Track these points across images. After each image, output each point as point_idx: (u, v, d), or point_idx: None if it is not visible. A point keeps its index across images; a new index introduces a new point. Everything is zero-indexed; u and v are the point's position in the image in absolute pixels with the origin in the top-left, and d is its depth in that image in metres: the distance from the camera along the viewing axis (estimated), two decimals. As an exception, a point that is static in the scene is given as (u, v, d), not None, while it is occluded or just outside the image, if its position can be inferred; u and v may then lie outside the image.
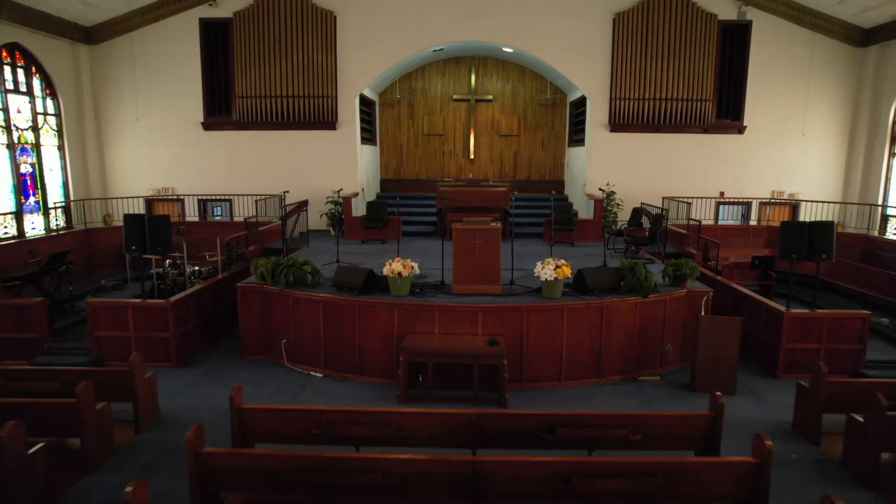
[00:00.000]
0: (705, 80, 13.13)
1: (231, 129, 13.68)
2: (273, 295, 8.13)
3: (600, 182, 13.52)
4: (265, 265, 8.15)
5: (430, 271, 9.16)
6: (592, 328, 7.51)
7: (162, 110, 13.68)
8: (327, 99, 13.37)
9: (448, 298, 7.54)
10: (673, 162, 13.63)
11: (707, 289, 8.15)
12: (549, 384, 7.51)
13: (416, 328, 7.41)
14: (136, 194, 13.74)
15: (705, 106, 13.24)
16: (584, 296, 7.61)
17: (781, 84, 13.30)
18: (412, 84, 16.30)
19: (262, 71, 13.24)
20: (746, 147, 13.59)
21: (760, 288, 11.02)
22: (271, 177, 13.80)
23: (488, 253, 7.70)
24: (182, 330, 8.18)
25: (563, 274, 7.37)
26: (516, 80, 16.29)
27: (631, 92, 13.24)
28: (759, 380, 7.71)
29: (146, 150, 13.85)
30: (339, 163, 13.74)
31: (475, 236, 7.67)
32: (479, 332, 7.33)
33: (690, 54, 13.05)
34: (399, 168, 16.75)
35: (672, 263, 8.24)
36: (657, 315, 7.88)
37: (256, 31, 13.13)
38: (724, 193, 13.77)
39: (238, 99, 13.36)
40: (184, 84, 13.52)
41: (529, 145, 16.57)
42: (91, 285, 10.82)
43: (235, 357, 8.51)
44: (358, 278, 7.65)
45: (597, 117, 13.50)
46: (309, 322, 7.89)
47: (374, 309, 7.49)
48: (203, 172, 13.87)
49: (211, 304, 9.20)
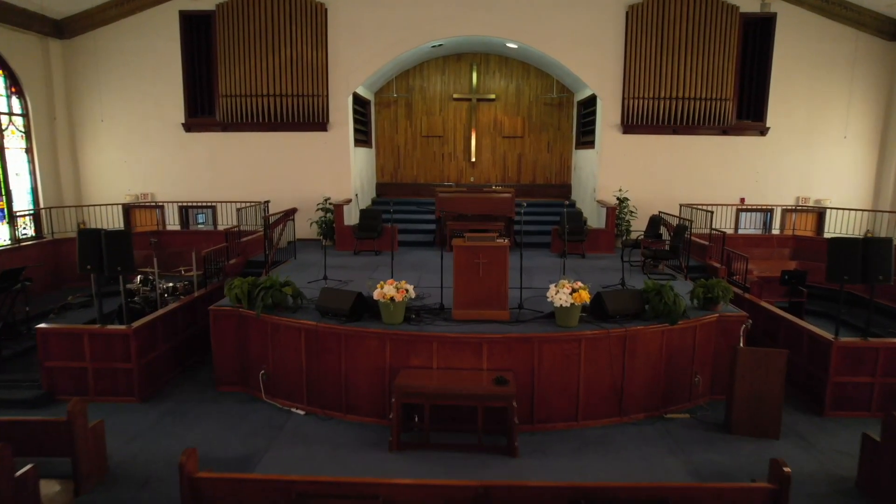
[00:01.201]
0: (725, 77, 12.16)
1: (214, 130, 12.72)
2: (250, 320, 7.17)
3: (612, 187, 12.56)
4: (240, 286, 7.19)
5: (427, 290, 8.20)
6: (614, 360, 6.54)
7: (140, 110, 12.71)
8: (318, 98, 12.41)
9: (448, 326, 6.58)
10: (690, 166, 12.66)
11: (742, 313, 7.19)
12: (565, 425, 6.54)
13: (411, 361, 6.45)
14: (112, 201, 12.77)
15: (725, 106, 12.28)
16: (603, 323, 6.65)
17: (808, 82, 12.34)
18: (410, 82, 15.34)
19: (248, 68, 12.28)
20: (769, 150, 12.62)
21: (790, 305, 10.06)
22: (258, 182, 12.84)
23: (494, 274, 6.74)
24: (147, 359, 7.22)
25: (580, 299, 6.40)
26: (520, 78, 15.33)
27: (645, 91, 12.28)
28: (804, 418, 6.75)
29: (123, 153, 12.88)
30: (330, 167, 12.77)
31: (478, 255, 6.71)
32: (484, 367, 6.37)
33: (709, 50, 12.08)
34: (396, 171, 15.79)
35: (702, 284, 7.28)
36: (686, 344, 6.93)
37: (241, 25, 12.16)
38: (744, 200, 12.80)
39: (221, 98, 12.40)
40: (163, 82, 12.55)
41: (534, 147, 15.61)
42: (56, 302, 9.85)
43: (209, 389, 7.55)
44: (345, 303, 6.68)
45: (608, 118, 12.54)
46: (290, 351, 6.93)
47: (363, 339, 6.53)
48: (184, 177, 12.90)
49: (184, 326, 8.25)
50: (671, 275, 9.51)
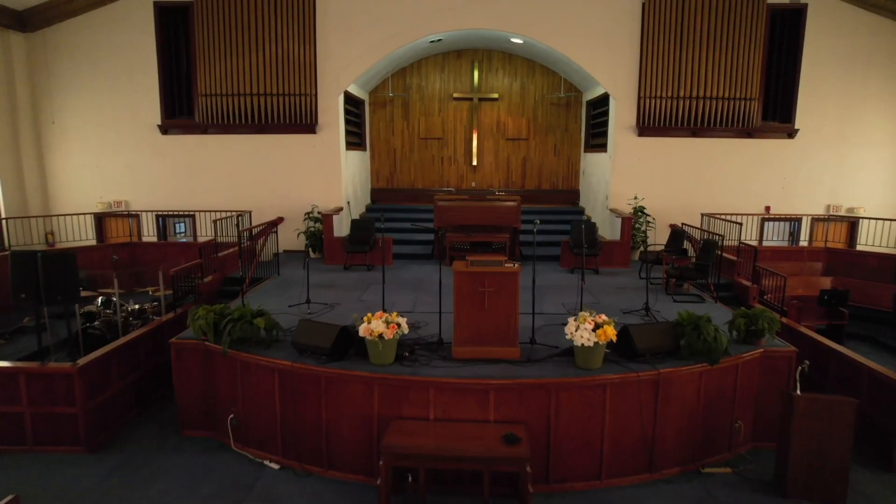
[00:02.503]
0: (750, 75, 11.13)
1: (193, 132, 11.69)
2: (217, 355, 6.15)
3: (626, 195, 11.53)
4: (205, 316, 6.16)
5: (424, 317, 7.18)
6: (644, 408, 5.52)
7: (112, 111, 11.68)
8: (305, 97, 11.37)
9: (448, 368, 5.56)
10: (711, 171, 11.63)
11: (790, 348, 6.17)
12: (586, 484, 5.52)
13: (403, 410, 5.43)
14: (83, 210, 11.74)
15: (750, 106, 11.25)
16: (631, 362, 5.63)
17: (841, 79, 11.31)
18: (406, 80, 14.31)
19: (229, 64, 11.24)
20: (797, 154, 11.60)
21: (828, 329, 9.06)
22: (241, 189, 11.81)
23: (502, 304, 5.71)
24: (97, 401, 6.19)
25: (604, 337, 5.38)
26: (525, 76, 14.30)
27: (663, 89, 11.25)
28: (868, 476, 5.73)
29: (95, 157, 11.85)
30: (319, 172, 11.74)
31: (484, 282, 5.68)
32: (491, 419, 5.35)
33: (733, 45, 11.05)
34: (392, 176, 14.76)
35: (743, 314, 6.26)
36: (726, 385, 5.91)
37: (222, 18, 11.12)
38: (769, 208, 11.77)
39: (201, 97, 11.36)
40: (137, 80, 11.52)
41: (540, 150, 14.58)
42: (9, 326, 8.82)
43: (172, 433, 6.52)
44: (325, 339, 5.66)
45: (622, 119, 11.50)
46: (262, 394, 5.91)
47: (347, 383, 5.51)
48: (161, 184, 11.87)
49: (147, 356, 7.22)
50: (698, 295, 8.48)
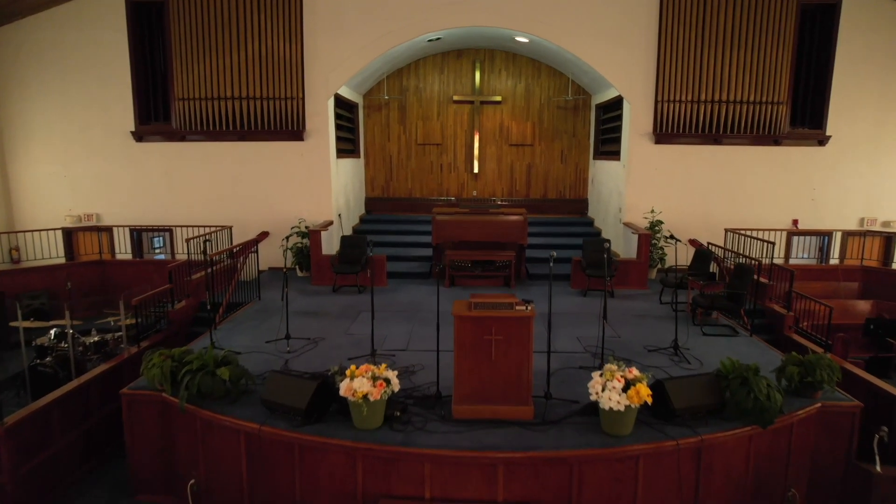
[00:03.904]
0: (778, 76, 10.18)
1: (170, 140, 10.73)
2: (175, 409, 5.19)
3: (641, 207, 10.58)
4: (160, 364, 5.21)
5: (419, 357, 6.23)
6: (684, 481, 4.57)
7: (82, 116, 10.72)
8: (292, 101, 10.42)
9: (447, 432, 4.62)
10: (734, 182, 10.67)
11: (854, 402, 5.21)
12: (614, 574, 4.57)
13: (392, 487, 4.48)
14: (50, 224, 10.78)
15: (777, 110, 10.29)
16: (666, 424, 4.68)
17: (878, 81, 10.36)
18: (403, 82, 13.35)
19: (209, 66, 10.29)
20: (828, 162, 10.64)
21: (872, 361, 8.09)
22: (222, 200, 10.86)
23: (512, 355, 4.76)
24: (31, 465, 5.23)
25: (637, 399, 4.42)
26: (530, 77, 13.34)
27: (682, 93, 10.30)
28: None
29: (63, 166, 10.89)
30: (307, 182, 10.79)
31: (490, 329, 4.73)
32: (500, 499, 4.39)
33: (760, 44, 10.10)
34: (388, 185, 13.80)
35: (796, 361, 5.30)
36: (778, 448, 4.98)
37: (199, 14, 10.17)
38: (797, 222, 10.82)
39: (178, 102, 10.40)
40: (109, 82, 10.56)
41: (546, 157, 13.63)
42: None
43: (123, 498, 5.57)
44: (300, 398, 4.71)
45: (638, 125, 10.54)
46: (227, 459, 4.96)
47: (325, 453, 4.56)
48: (136, 195, 10.91)
49: (103, 401, 6.26)
50: (729, 326, 7.53)
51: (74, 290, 9.87)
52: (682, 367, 6.20)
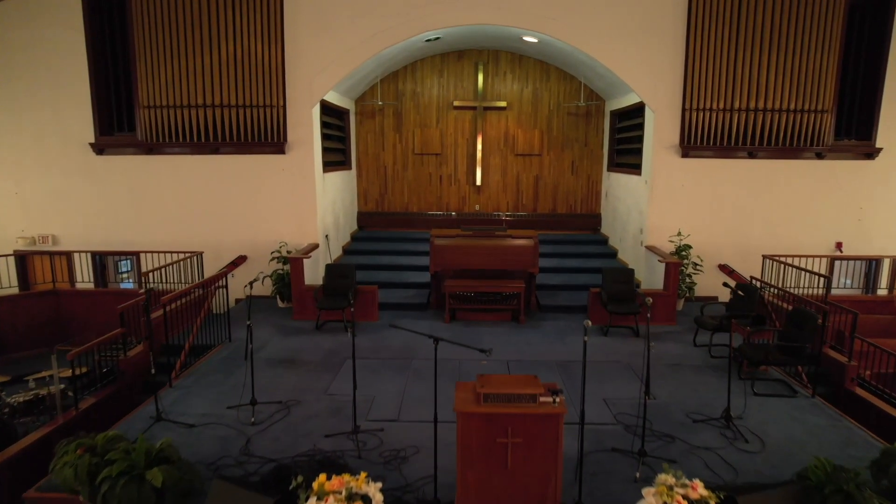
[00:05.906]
0: (822, 82, 9.00)
1: (135, 152, 9.53)
2: (96, 520, 3.99)
3: (667, 229, 9.40)
4: (74, 463, 4.01)
5: (413, 431, 5.01)
6: None
7: (33, 125, 9.52)
8: (272, 109, 9.22)
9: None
10: (770, 200, 9.49)
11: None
12: None
13: None
14: (1, 245, 9.59)
15: (821, 120, 9.11)
16: (742, 558, 3.48)
17: (935, 88, 9.19)
18: (399, 86, 12.15)
19: (177, 69, 9.09)
20: (877, 178, 9.47)
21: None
22: (194, 220, 9.67)
23: (535, 463, 3.57)
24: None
25: (709, 536, 3.22)
26: (538, 80, 12.14)
27: (713, 100, 9.11)
28: None
29: (13, 182, 9.69)
30: (290, 200, 9.60)
31: (506, 429, 3.53)
32: None
33: (801, 45, 8.92)
34: (382, 198, 12.60)
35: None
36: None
37: (167, 12, 8.97)
38: (841, 245, 9.63)
39: (143, 110, 9.20)
40: (63, 87, 9.36)
41: (555, 168, 12.44)
42: None
43: None
44: (250, 524, 3.51)
45: (662, 136, 9.35)
46: None
47: None
48: (97, 215, 9.72)
49: (22, 486, 5.04)
50: (783, 382, 6.33)
51: (25, 325, 8.73)
52: (737, 446, 5.01)
